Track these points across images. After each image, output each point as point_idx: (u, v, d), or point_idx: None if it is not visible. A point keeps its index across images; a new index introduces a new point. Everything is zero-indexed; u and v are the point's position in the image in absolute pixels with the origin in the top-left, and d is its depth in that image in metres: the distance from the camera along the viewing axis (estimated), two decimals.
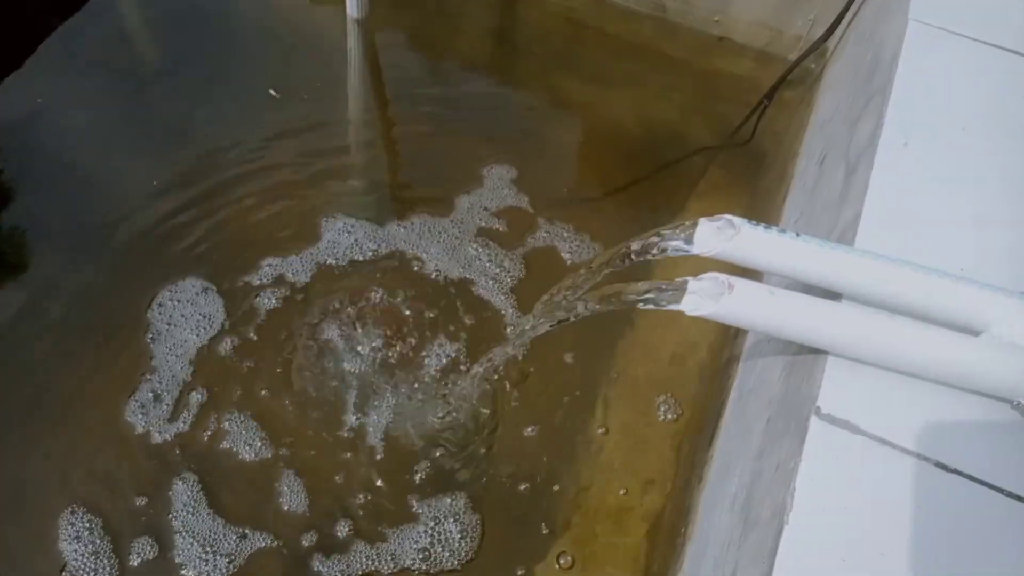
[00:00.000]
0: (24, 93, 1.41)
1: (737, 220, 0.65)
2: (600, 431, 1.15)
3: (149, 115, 1.42)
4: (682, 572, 0.86)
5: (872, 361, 0.61)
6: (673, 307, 0.65)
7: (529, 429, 1.12)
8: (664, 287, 0.66)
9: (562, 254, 1.31)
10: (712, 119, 1.52)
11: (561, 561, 1.03)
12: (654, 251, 0.71)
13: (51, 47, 1.48)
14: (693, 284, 0.64)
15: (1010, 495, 0.58)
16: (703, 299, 0.63)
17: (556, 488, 1.09)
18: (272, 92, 1.42)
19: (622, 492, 1.09)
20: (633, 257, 0.73)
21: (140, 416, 1.07)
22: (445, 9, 1.62)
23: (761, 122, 1.46)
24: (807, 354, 0.67)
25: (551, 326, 0.82)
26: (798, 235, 0.64)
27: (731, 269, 0.65)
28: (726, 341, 1.19)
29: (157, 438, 1.06)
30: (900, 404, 0.61)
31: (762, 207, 1.35)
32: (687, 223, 0.68)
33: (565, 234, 1.33)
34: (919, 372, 0.61)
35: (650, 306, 0.66)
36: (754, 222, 0.65)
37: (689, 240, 0.68)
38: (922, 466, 0.59)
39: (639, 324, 1.25)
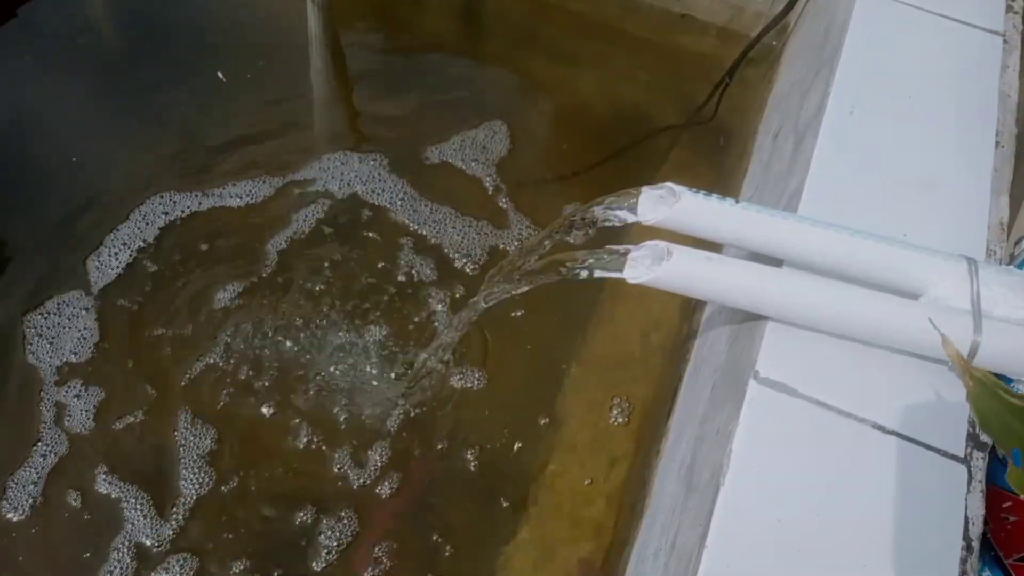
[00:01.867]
0: None
1: (678, 188, 0.65)
2: (560, 409, 1.15)
3: (106, 100, 1.40)
4: (638, 540, 0.87)
5: (810, 325, 0.62)
6: (615, 274, 0.65)
7: (486, 410, 1.13)
8: (606, 255, 0.66)
9: (526, 233, 1.31)
10: (677, 97, 1.52)
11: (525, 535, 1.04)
12: (599, 220, 0.71)
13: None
14: (635, 252, 0.64)
15: (946, 454, 0.59)
16: (644, 266, 0.63)
17: (519, 467, 1.09)
18: (220, 75, 1.41)
19: (586, 472, 1.10)
20: (578, 227, 0.73)
21: None
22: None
23: (725, 100, 1.46)
24: (751, 321, 0.67)
25: (491, 303, 0.82)
26: (737, 202, 0.64)
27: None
28: (685, 316, 1.19)
29: None
30: (839, 367, 0.62)
31: (725, 184, 1.35)
32: (631, 191, 0.68)
33: (530, 212, 1.33)
34: (857, 335, 0.61)
35: (596, 272, 0.66)
36: (695, 190, 0.65)
37: (632, 209, 0.68)
38: (860, 428, 0.60)
39: (604, 300, 1.25)
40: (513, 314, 1.21)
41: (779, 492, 0.56)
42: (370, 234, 1.28)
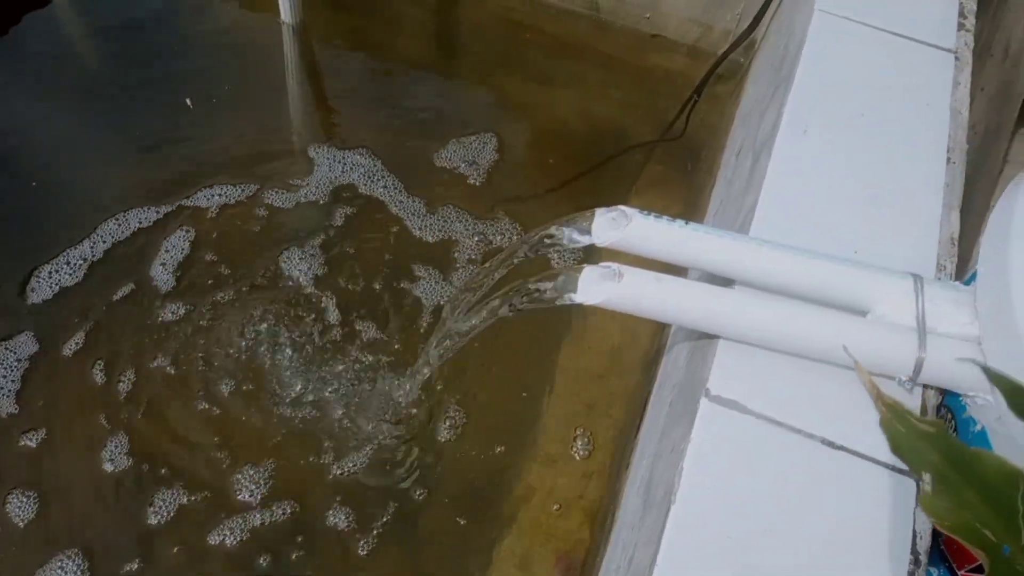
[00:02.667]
0: None
1: (629, 210, 0.66)
2: (537, 424, 1.16)
3: (82, 126, 1.41)
4: (607, 555, 0.87)
5: (760, 343, 0.63)
6: (570, 297, 0.65)
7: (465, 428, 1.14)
8: (559, 279, 0.67)
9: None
10: (650, 114, 1.54)
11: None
12: (556, 243, 0.72)
13: None
14: (587, 273, 0.65)
15: (895, 469, 0.60)
16: (596, 288, 0.64)
17: (495, 483, 1.10)
18: (188, 102, 1.42)
19: (562, 486, 1.11)
20: (535, 250, 0.74)
21: None
22: (384, 12, 1.62)
23: (697, 116, 1.48)
24: (705, 339, 0.68)
25: (448, 350, 0.83)
26: (687, 223, 0.65)
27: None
28: (658, 332, 1.20)
29: None
30: (789, 384, 0.63)
31: (695, 200, 1.37)
32: (585, 213, 0.69)
33: (508, 229, 1.34)
34: (806, 353, 0.62)
35: (548, 295, 0.67)
36: (646, 212, 0.66)
37: (586, 231, 0.69)
38: (809, 444, 0.60)
39: (580, 314, 1.26)
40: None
41: (730, 509, 0.57)
42: (341, 251, 1.30)
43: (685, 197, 1.47)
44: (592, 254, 1.26)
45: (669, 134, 1.47)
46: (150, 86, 1.46)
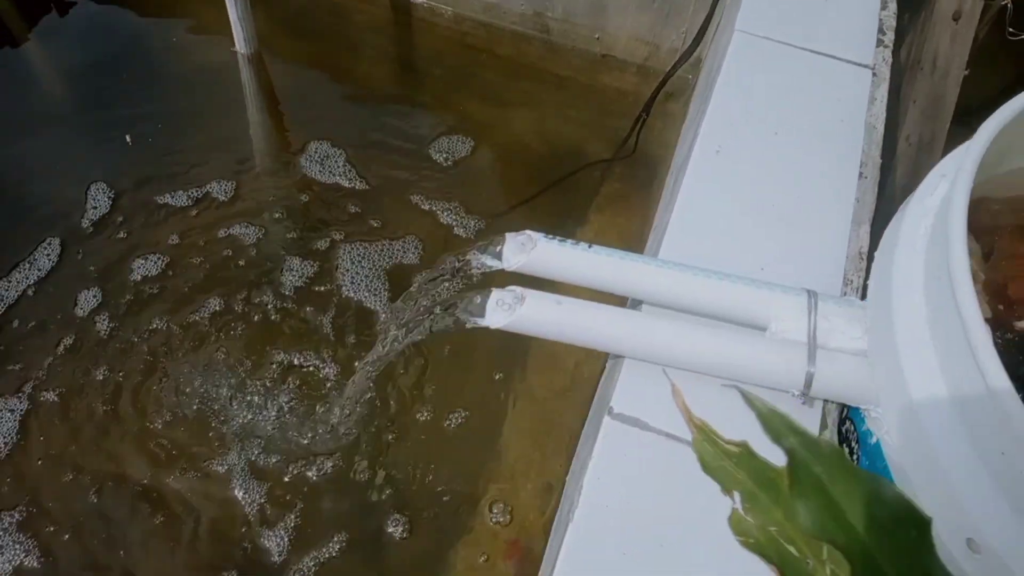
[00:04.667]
0: None
1: (535, 234, 0.68)
2: (500, 440, 1.17)
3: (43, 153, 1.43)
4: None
5: (660, 362, 0.64)
6: (479, 322, 0.67)
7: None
8: (469, 302, 0.68)
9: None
10: (604, 132, 1.56)
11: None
12: (470, 267, 0.74)
13: None
14: (493, 297, 0.66)
15: None
16: (503, 312, 0.65)
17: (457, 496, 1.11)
18: (127, 139, 1.44)
19: (523, 500, 1.12)
20: (452, 275, 0.75)
21: None
22: (342, 38, 1.65)
23: (652, 134, 1.51)
24: (615, 358, 0.70)
25: (375, 367, 0.84)
26: (590, 246, 0.67)
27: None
28: None
29: None
30: (689, 400, 0.64)
31: (652, 216, 1.39)
32: (497, 238, 0.71)
33: (464, 242, 1.36)
34: (703, 369, 0.63)
35: (459, 317, 0.68)
36: (550, 236, 0.68)
37: (498, 255, 0.70)
38: None
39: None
40: (447, 348, 1.24)
41: (627, 525, 0.58)
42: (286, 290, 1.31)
43: (644, 214, 1.49)
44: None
45: (622, 152, 1.49)
46: (109, 119, 1.49)
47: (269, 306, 1.26)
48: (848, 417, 0.67)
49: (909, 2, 1.04)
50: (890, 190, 1.01)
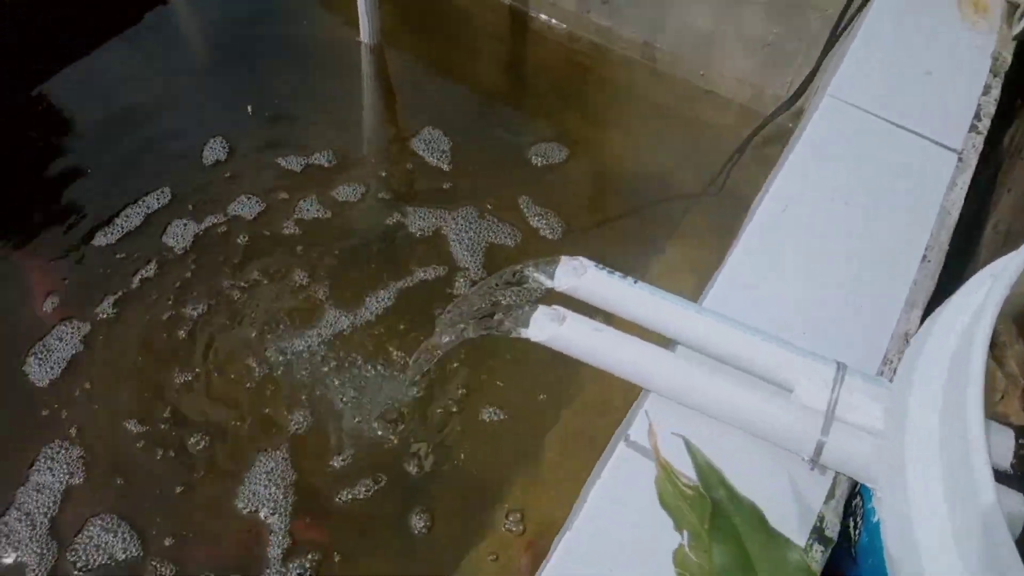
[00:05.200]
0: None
1: (587, 262, 0.72)
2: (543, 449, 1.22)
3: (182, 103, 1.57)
4: None
5: (681, 402, 0.67)
6: (522, 332, 0.72)
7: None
8: (517, 313, 0.73)
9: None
10: (697, 166, 1.58)
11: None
12: (526, 280, 0.79)
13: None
14: (539, 312, 0.71)
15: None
16: (544, 327, 0.70)
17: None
18: (249, 109, 1.55)
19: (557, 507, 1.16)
20: (508, 284, 0.81)
21: None
22: (460, 39, 1.73)
23: (745, 174, 1.52)
24: (641, 389, 0.73)
25: (427, 363, 0.90)
26: (635, 282, 0.71)
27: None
28: None
29: None
30: (703, 442, 0.67)
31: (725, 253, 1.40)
32: (553, 259, 0.76)
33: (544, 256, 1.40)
34: (720, 418, 0.66)
35: (505, 326, 0.74)
36: (600, 266, 0.72)
37: (550, 275, 0.75)
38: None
39: None
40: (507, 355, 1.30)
41: (619, 547, 0.62)
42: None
43: (720, 253, 1.49)
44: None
45: (711, 189, 1.51)
46: (237, 81, 1.61)
47: (356, 263, 1.34)
48: (859, 492, 0.68)
49: (1016, 89, 1.02)
50: (969, 277, 1.00)
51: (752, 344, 0.67)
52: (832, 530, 0.64)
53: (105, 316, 1.27)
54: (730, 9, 1.41)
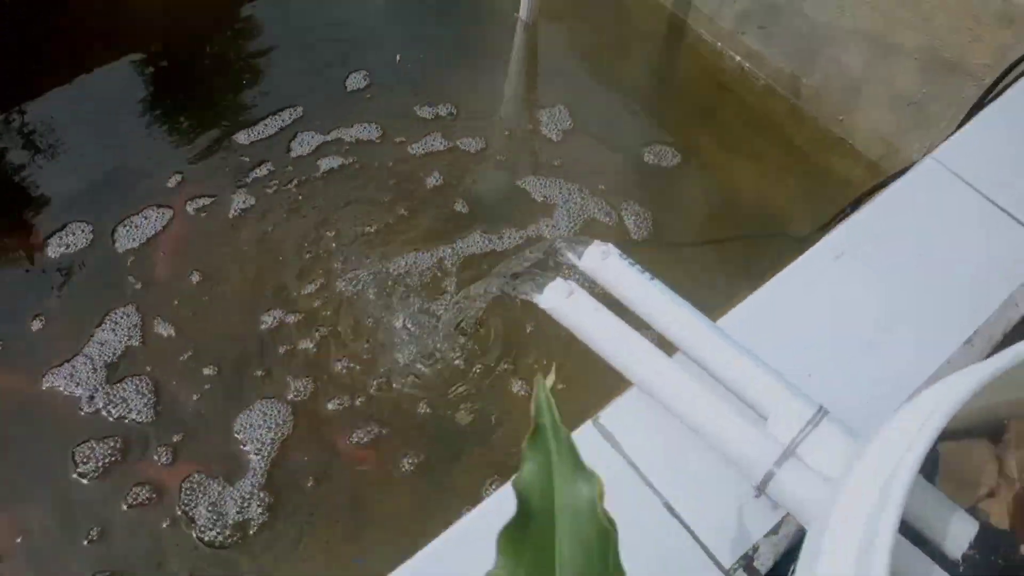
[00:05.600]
0: None
1: (613, 248, 0.75)
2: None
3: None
4: None
5: (657, 399, 0.69)
6: (535, 297, 0.76)
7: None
8: (537, 279, 0.77)
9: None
10: (811, 212, 1.54)
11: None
12: (556, 255, 0.82)
13: None
14: (554, 283, 0.75)
15: (713, 559, 0.64)
16: (554, 297, 0.73)
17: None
18: (398, 57, 1.65)
19: None
20: (544, 254, 0.85)
21: None
22: (614, 33, 1.76)
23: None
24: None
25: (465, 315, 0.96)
26: (652, 278, 0.73)
27: None
28: None
29: None
30: (666, 443, 0.69)
31: None
32: (585, 239, 0.79)
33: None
34: (689, 425, 0.68)
35: (522, 288, 0.78)
36: (624, 255, 0.75)
37: (579, 254, 0.78)
38: (652, 500, 0.66)
39: None
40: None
41: None
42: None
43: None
44: None
45: (812, 236, 1.46)
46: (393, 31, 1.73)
47: (451, 207, 1.42)
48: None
49: None
50: None
51: (744, 365, 0.68)
52: (763, 563, 0.64)
53: (202, 205, 1.41)
54: (884, 58, 1.36)
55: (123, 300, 1.28)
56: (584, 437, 0.69)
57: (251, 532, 1.09)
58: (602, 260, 0.75)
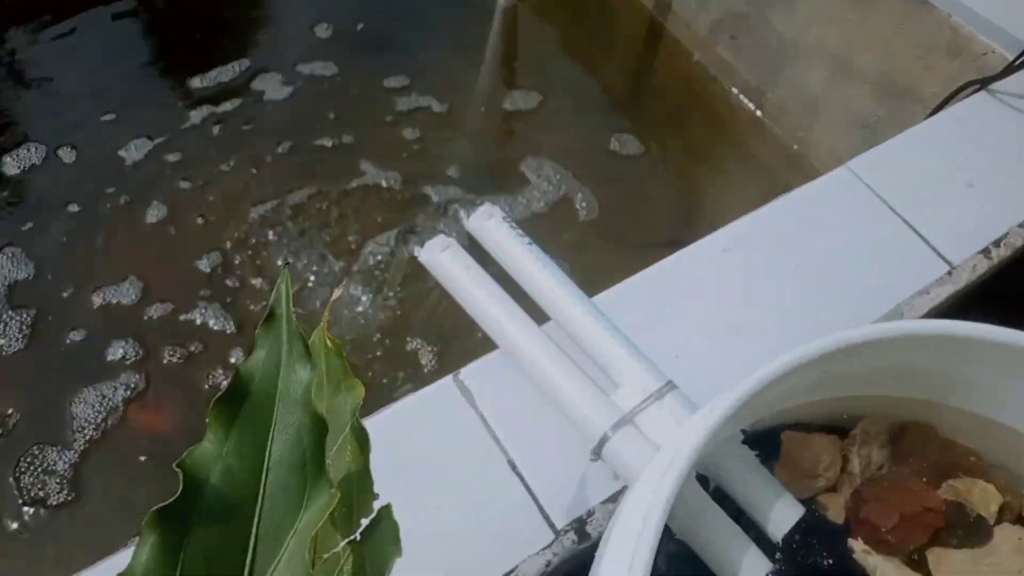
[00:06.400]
0: None
1: (498, 211, 0.76)
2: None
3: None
4: None
5: (514, 360, 0.70)
6: (416, 250, 0.77)
7: None
8: (424, 237, 0.78)
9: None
10: None
11: None
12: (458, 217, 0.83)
13: None
14: (435, 239, 0.76)
15: (546, 518, 0.65)
16: (430, 251, 0.74)
17: None
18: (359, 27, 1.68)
19: None
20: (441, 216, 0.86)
21: None
22: (591, 25, 1.77)
23: None
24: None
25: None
26: (530, 243, 0.74)
27: None
28: None
29: None
30: (522, 405, 0.69)
31: None
32: (478, 202, 0.80)
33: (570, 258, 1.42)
34: (540, 386, 0.68)
35: (408, 244, 0.79)
36: (508, 218, 0.75)
37: (468, 215, 0.79)
38: (496, 454, 0.67)
39: None
40: None
41: (398, 470, 0.66)
42: None
43: None
44: None
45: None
46: None
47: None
48: None
49: None
50: None
51: (603, 337, 0.69)
52: (596, 528, 0.65)
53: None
54: (842, 81, 1.37)
55: None
56: (443, 390, 0.70)
57: None
58: (485, 221, 0.76)
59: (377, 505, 0.36)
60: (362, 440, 0.35)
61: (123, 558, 0.58)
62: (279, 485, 0.29)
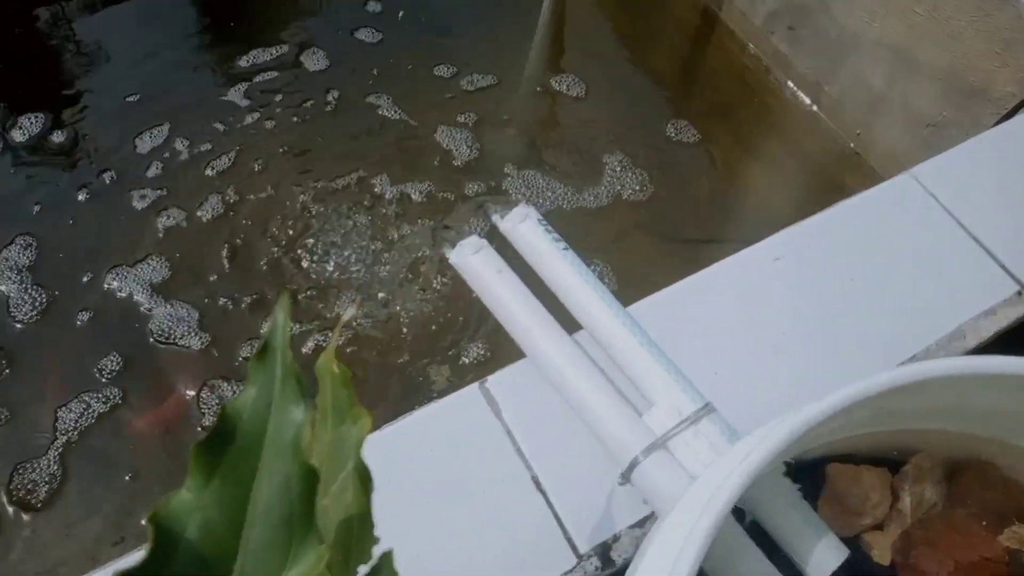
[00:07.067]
0: None
1: (535, 213, 0.73)
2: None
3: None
4: None
5: (542, 372, 0.66)
6: (447, 252, 0.74)
7: None
8: (456, 238, 0.75)
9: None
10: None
11: None
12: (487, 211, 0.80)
13: None
14: (466, 240, 0.73)
15: (569, 540, 0.62)
16: (461, 253, 0.71)
17: None
18: (400, 14, 1.64)
19: None
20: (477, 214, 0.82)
21: None
22: (644, 13, 1.71)
23: None
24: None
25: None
26: (566, 248, 0.70)
27: None
28: None
29: None
30: (548, 420, 0.66)
31: None
32: (513, 202, 0.77)
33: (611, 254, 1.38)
34: (568, 401, 0.65)
35: (443, 247, 0.76)
36: (544, 221, 0.72)
37: (503, 216, 0.76)
38: (522, 471, 0.64)
39: None
40: None
41: (415, 467, 0.63)
42: None
43: None
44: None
45: None
46: None
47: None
48: None
49: None
50: None
51: (639, 352, 0.65)
52: (621, 555, 0.61)
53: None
54: (906, 76, 1.29)
55: None
56: (468, 398, 0.67)
57: None
58: (518, 223, 0.72)
59: (378, 551, 0.33)
60: (364, 480, 0.32)
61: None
62: (262, 542, 0.26)
